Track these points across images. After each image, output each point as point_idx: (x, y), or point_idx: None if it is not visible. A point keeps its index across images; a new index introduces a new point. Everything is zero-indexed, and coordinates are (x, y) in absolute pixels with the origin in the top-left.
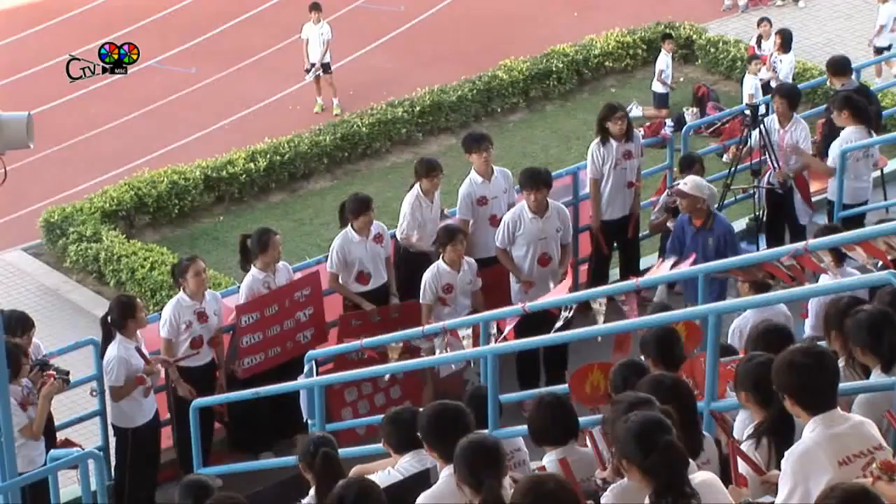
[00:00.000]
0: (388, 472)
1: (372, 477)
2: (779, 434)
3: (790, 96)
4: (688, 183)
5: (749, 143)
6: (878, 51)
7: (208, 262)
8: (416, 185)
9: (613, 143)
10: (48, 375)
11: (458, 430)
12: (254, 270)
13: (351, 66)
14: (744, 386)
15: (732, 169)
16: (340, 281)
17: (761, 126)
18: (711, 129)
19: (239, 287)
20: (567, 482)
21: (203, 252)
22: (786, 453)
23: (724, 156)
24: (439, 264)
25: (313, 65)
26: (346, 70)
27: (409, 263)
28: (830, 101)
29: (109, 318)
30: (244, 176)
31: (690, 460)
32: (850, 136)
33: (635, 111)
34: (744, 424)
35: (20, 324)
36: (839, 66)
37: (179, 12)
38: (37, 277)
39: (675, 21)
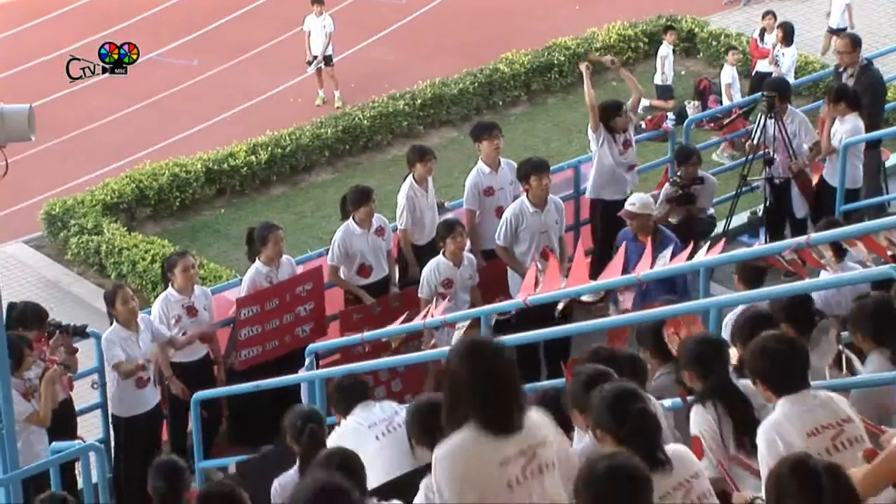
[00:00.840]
0: (342, 427)
1: (330, 438)
2: (720, 397)
3: (780, 90)
4: (636, 203)
5: (765, 134)
6: (833, 31)
7: (209, 255)
8: (410, 176)
9: (616, 136)
10: (51, 361)
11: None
12: (257, 263)
13: (352, 59)
14: (687, 364)
15: (749, 158)
16: (342, 274)
17: (776, 118)
18: (726, 122)
19: (241, 279)
20: None
21: (204, 245)
22: (758, 430)
23: (725, 152)
24: (439, 259)
25: (315, 57)
26: (348, 62)
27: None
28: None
29: None
30: (245, 168)
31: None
32: (854, 124)
33: (642, 103)
34: (702, 417)
35: (36, 314)
36: (860, 39)
37: (180, 4)
38: (38, 270)
39: (676, 14)
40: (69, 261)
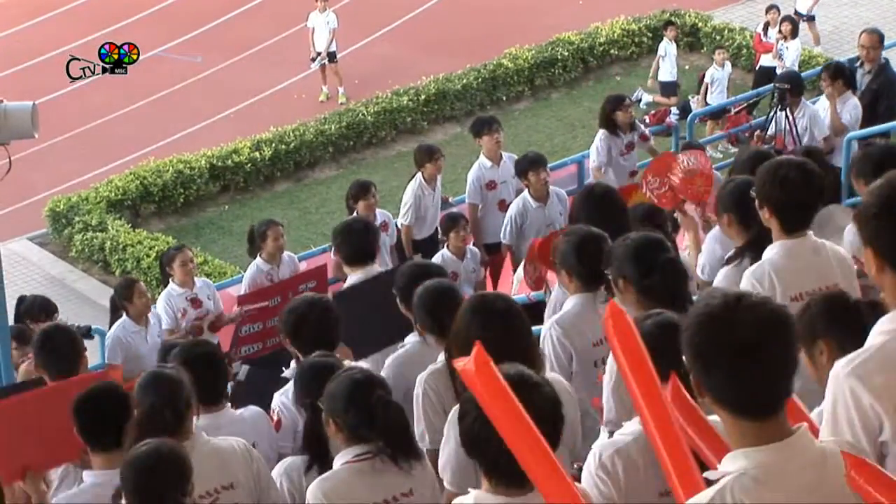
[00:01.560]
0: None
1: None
2: (758, 249)
3: (792, 82)
4: None
5: (776, 126)
6: (807, 18)
7: (214, 252)
8: (419, 174)
9: (620, 134)
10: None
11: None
12: (258, 261)
13: (356, 55)
14: (725, 207)
15: None
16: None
17: (787, 110)
18: (735, 112)
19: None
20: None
21: (208, 241)
22: (744, 273)
23: (725, 146)
24: (444, 252)
25: (319, 53)
26: (352, 59)
27: (413, 252)
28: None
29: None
30: (249, 165)
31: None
32: (854, 102)
33: (645, 98)
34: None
35: (44, 308)
36: (884, 36)
37: (184, 1)
38: (42, 267)
39: (680, 9)
40: (73, 258)
